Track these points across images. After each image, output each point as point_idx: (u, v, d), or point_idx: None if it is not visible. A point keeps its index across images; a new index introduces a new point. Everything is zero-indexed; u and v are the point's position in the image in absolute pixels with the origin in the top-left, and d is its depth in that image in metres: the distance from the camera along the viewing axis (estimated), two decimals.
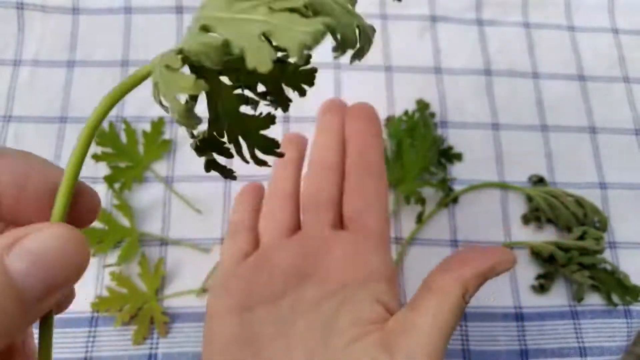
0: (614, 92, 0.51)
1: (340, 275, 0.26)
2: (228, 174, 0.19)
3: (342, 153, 0.30)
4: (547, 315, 0.42)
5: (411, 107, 0.47)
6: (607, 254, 0.44)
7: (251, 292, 0.26)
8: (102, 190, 0.43)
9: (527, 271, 0.43)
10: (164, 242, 0.42)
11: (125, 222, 0.42)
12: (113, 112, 0.46)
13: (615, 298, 0.42)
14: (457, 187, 0.45)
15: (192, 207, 0.43)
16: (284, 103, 0.18)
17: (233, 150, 0.18)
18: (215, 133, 0.18)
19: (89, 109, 0.51)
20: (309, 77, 0.18)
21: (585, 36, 0.53)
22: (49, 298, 0.14)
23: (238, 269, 0.28)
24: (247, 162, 0.19)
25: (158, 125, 0.45)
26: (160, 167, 0.44)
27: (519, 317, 0.42)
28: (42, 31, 0.48)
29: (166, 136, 0.45)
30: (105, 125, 0.44)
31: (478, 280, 0.25)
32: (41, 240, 0.14)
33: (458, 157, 0.46)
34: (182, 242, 0.42)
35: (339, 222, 0.29)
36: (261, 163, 0.19)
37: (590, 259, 0.42)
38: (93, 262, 0.41)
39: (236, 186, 0.44)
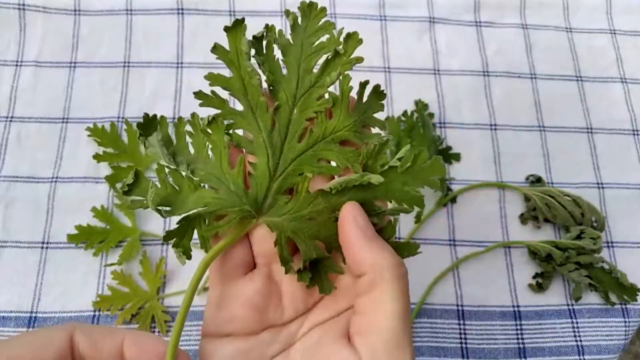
0: (611, 92, 0.51)
1: (346, 298, 0.26)
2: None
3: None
4: (545, 313, 0.42)
5: (410, 107, 0.48)
6: (604, 253, 0.44)
7: (261, 320, 0.25)
8: (103, 190, 0.44)
9: (525, 270, 0.44)
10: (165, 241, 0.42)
11: (126, 221, 0.42)
12: (114, 113, 0.46)
13: (612, 297, 0.42)
14: (456, 187, 0.46)
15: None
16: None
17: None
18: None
19: (91, 109, 0.51)
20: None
21: (582, 37, 0.53)
22: None
23: (242, 290, 0.26)
24: None
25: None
26: None
27: (517, 315, 0.42)
28: (44, 32, 0.49)
29: None
30: (106, 125, 0.45)
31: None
32: None
33: (456, 157, 0.47)
34: None
35: None
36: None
37: (587, 258, 0.42)
38: (95, 260, 0.42)
39: None
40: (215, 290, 0.26)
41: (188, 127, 0.25)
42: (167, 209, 0.24)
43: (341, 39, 0.25)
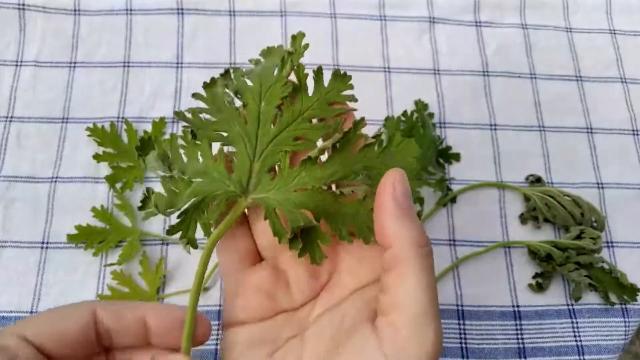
0: (611, 92, 0.51)
1: (351, 280, 0.26)
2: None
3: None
4: (545, 313, 0.42)
5: (410, 107, 0.48)
6: (604, 253, 0.44)
7: (272, 306, 0.27)
8: (103, 190, 0.44)
9: (524, 270, 0.44)
10: (164, 241, 0.42)
11: (126, 221, 0.42)
12: (114, 113, 0.46)
13: (612, 297, 0.42)
14: (456, 187, 0.46)
15: None
16: None
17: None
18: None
19: (91, 109, 0.51)
20: None
21: (582, 37, 0.53)
22: None
23: (248, 278, 0.27)
24: None
25: (159, 125, 0.45)
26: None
27: (517, 315, 0.42)
28: (44, 32, 0.49)
29: (167, 136, 0.45)
30: (106, 125, 0.45)
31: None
32: None
33: (456, 157, 0.47)
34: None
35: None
36: None
37: (587, 258, 0.42)
38: (95, 260, 0.42)
39: None
40: (229, 283, 0.27)
41: (180, 141, 0.28)
42: (170, 210, 0.27)
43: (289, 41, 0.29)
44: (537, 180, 0.46)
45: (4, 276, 0.41)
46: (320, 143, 0.27)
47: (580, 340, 0.42)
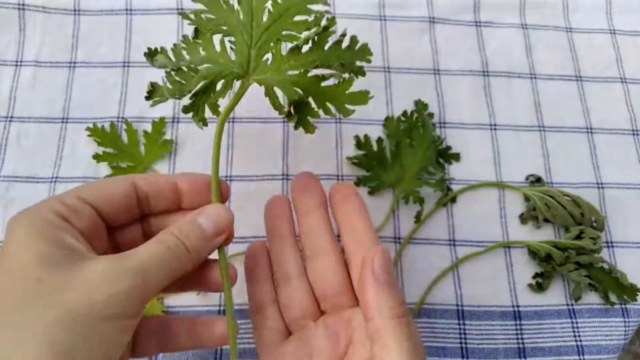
0: (611, 92, 0.51)
1: (363, 351, 0.29)
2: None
3: (333, 234, 0.32)
4: (544, 313, 0.42)
5: (410, 107, 0.48)
6: (604, 253, 0.44)
7: None
8: None
9: (524, 270, 0.44)
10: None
11: None
12: (114, 113, 0.46)
13: (612, 297, 0.42)
14: (455, 187, 0.46)
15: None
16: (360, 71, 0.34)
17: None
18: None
19: (90, 109, 0.51)
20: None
21: (582, 37, 0.53)
22: (218, 237, 0.29)
23: (281, 352, 0.31)
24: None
25: (159, 125, 0.45)
26: (162, 167, 0.45)
27: (517, 315, 0.42)
28: (43, 32, 0.49)
29: (167, 136, 0.46)
30: (106, 125, 0.45)
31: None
32: (211, 209, 0.29)
33: (456, 157, 0.47)
34: None
35: (355, 299, 0.31)
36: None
37: (587, 258, 0.42)
38: None
39: (235, 187, 0.44)
40: (265, 358, 0.31)
41: (182, 44, 0.33)
42: (179, 94, 0.32)
43: None
44: (537, 180, 0.46)
45: None
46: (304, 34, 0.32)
47: (580, 340, 0.42)
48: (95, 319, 0.24)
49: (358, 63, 0.34)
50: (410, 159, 0.45)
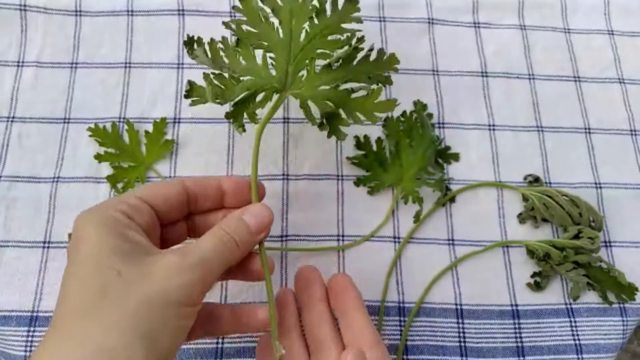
0: (609, 93, 0.51)
1: None
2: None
3: (335, 326, 0.34)
4: (543, 313, 0.43)
5: (409, 107, 0.48)
6: (602, 253, 0.45)
7: None
8: (104, 190, 0.44)
9: (523, 269, 0.44)
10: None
11: None
12: (115, 113, 0.46)
13: (610, 296, 0.43)
14: (454, 187, 0.46)
15: None
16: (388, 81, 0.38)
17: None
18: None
19: (92, 109, 0.51)
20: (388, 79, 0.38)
21: (581, 38, 0.53)
22: (260, 233, 0.32)
23: None
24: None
25: (160, 125, 0.45)
26: (163, 167, 0.45)
27: (516, 314, 0.42)
28: (45, 33, 0.49)
29: (168, 136, 0.46)
30: (107, 125, 0.45)
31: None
32: (255, 208, 0.33)
33: (455, 157, 0.47)
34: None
35: None
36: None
37: (585, 257, 0.42)
38: None
39: None
40: None
41: (220, 45, 0.36)
42: (218, 100, 0.35)
43: None
44: (536, 180, 0.46)
45: (6, 276, 0.41)
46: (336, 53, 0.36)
47: (579, 339, 0.42)
48: (170, 306, 0.27)
49: (386, 73, 0.37)
50: (409, 159, 0.45)
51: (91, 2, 0.50)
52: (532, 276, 0.43)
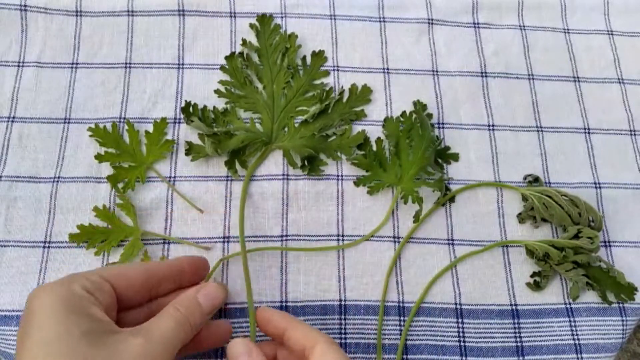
0: (608, 93, 0.51)
1: None
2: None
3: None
4: (542, 312, 0.43)
5: (409, 108, 0.48)
6: (602, 253, 0.45)
7: None
8: (105, 190, 0.44)
9: (522, 269, 0.44)
10: (166, 240, 0.43)
11: (128, 221, 0.43)
12: (116, 113, 0.47)
13: (610, 296, 0.43)
14: (454, 187, 0.46)
15: (194, 207, 0.44)
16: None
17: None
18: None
19: (92, 109, 0.51)
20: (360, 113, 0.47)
21: (580, 38, 0.53)
22: (212, 311, 0.34)
23: None
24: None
25: (160, 125, 0.45)
26: (163, 167, 0.45)
27: (515, 314, 0.42)
28: (45, 33, 0.49)
29: (169, 136, 0.46)
30: (108, 125, 0.45)
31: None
32: (210, 289, 0.34)
33: (455, 157, 0.47)
34: (184, 240, 0.43)
35: None
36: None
37: (585, 257, 0.42)
38: (96, 260, 0.42)
39: (237, 187, 0.44)
40: None
41: (211, 115, 0.45)
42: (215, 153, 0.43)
43: (286, 39, 0.48)
44: (535, 180, 0.46)
45: (6, 275, 0.41)
46: (312, 109, 0.45)
47: (578, 339, 0.42)
48: None
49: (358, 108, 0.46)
50: (409, 159, 0.45)
51: (91, 2, 0.50)
52: (532, 276, 0.44)
